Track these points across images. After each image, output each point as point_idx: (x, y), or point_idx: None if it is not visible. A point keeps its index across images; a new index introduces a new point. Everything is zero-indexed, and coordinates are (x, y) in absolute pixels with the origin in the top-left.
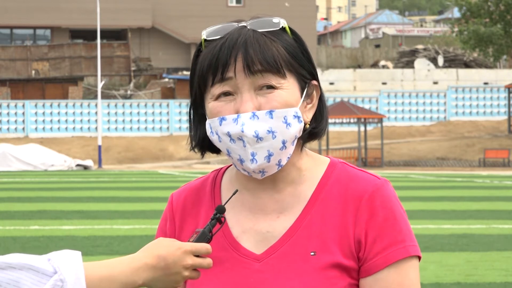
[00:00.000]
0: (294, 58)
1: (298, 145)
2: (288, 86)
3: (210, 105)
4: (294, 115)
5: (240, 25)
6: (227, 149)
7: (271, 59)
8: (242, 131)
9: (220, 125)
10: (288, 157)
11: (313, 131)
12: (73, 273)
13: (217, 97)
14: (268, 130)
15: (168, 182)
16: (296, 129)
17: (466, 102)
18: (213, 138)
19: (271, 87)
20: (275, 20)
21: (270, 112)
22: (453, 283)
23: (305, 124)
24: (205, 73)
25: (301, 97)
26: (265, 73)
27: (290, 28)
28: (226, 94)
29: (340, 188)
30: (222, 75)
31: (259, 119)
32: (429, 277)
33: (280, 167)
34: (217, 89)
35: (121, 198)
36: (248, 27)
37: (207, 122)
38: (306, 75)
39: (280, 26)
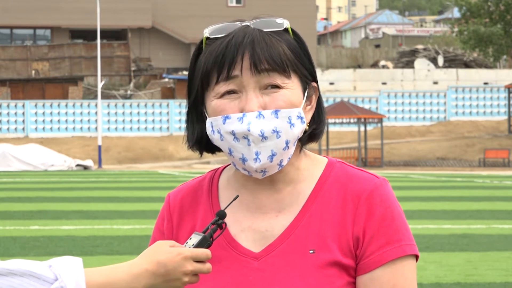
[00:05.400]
0: (298, 58)
1: (298, 146)
2: (293, 86)
3: (213, 103)
4: (297, 116)
5: (243, 24)
6: (229, 148)
7: (277, 58)
8: (249, 130)
9: (224, 123)
10: (289, 158)
11: (313, 133)
12: (74, 280)
13: (222, 95)
14: (273, 130)
15: (168, 182)
16: (299, 129)
17: (466, 102)
18: (214, 137)
19: (276, 86)
20: (279, 20)
21: (276, 112)
22: (453, 283)
23: None
24: (210, 70)
25: (303, 98)
26: (271, 72)
27: (292, 29)
28: (230, 92)
29: (339, 187)
30: (228, 73)
31: (265, 118)
32: (429, 277)
33: (280, 167)
34: (221, 87)
35: (121, 198)
36: (252, 27)
37: (208, 120)
38: (308, 75)
39: (284, 27)
